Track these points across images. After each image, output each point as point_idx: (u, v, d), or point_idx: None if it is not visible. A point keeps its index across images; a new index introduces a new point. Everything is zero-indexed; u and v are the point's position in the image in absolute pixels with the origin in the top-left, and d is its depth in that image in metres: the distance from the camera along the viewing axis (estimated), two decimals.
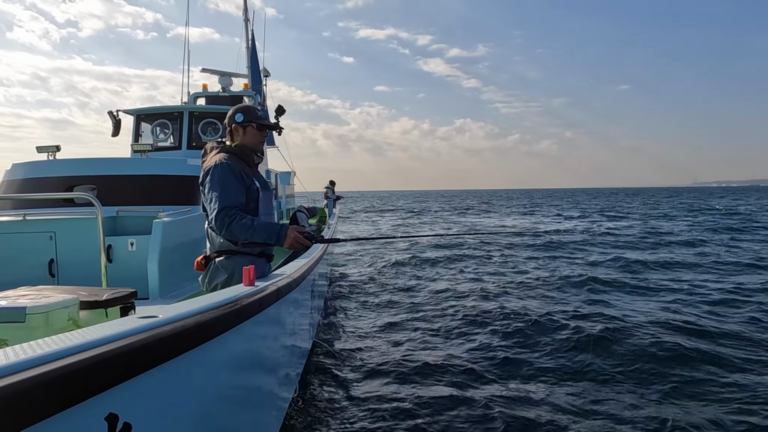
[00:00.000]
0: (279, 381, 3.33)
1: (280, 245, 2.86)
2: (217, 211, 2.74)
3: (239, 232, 2.75)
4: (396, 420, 4.14)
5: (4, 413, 0.95)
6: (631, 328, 6.36)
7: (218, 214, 2.74)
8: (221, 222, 2.74)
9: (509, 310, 7.56)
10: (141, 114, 8.16)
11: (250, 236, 2.76)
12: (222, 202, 2.75)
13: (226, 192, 2.78)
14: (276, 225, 2.86)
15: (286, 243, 2.83)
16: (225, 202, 2.75)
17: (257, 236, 2.77)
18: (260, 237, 2.78)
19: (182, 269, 4.59)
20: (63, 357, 1.12)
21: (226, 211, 2.73)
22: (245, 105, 3.12)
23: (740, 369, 5.10)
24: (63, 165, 5.65)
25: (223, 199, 2.76)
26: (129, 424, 1.31)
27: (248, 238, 2.77)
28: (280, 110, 3.41)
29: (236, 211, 2.76)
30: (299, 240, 2.87)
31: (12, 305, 2.29)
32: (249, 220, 2.76)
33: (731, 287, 9.12)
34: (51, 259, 4.73)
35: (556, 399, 4.51)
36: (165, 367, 1.44)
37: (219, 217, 2.74)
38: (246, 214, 2.80)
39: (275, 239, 2.82)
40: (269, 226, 2.82)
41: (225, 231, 2.76)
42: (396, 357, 5.73)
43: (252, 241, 2.80)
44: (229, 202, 2.76)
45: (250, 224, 2.74)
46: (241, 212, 2.79)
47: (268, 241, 2.82)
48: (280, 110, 3.42)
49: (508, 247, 15.97)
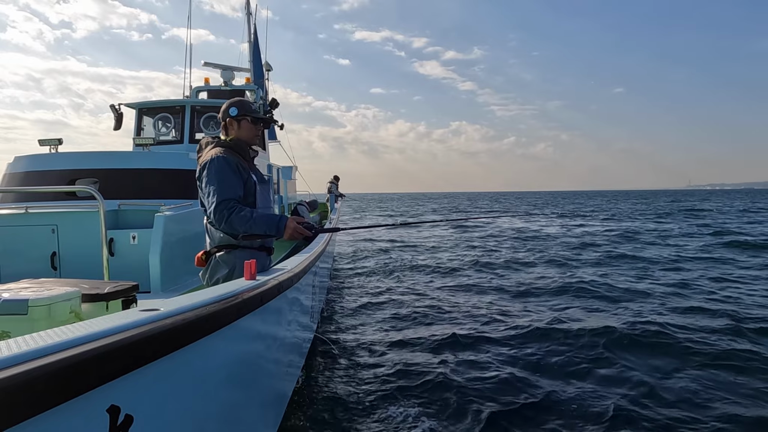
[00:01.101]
0: (280, 375, 3.34)
1: (280, 237, 2.83)
2: (215, 204, 2.73)
3: (239, 225, 2.73)
4: (397, 415, 4.16)
5: (6, 404, 0.96)
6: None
7: (217, 207, 2.73)
8: (220, 215, 2.73)
9: (510, 309, 7.57)
10: (143, 108, 8.15)
11: (249, 228, 2.74)
12: (220, 195, 2.74)
13: (224, 185, 2.77)
14: (275, 216, 2.84)
15: (286, 234, 2.81)
16: (223, 195, 2.74)
17: (257, 228, 2.75)
18: (260, 229, 2.76)
19: (184, 263, 4.60)
20: (65, 349, 1.12)
21: (224, 204, 2.72)
22: (239, 99, 3.11)
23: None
24: (65, 158, 5.66)
25: (222, 193, 2.74)
26: (131, 416, 1.32)
27: (248, 230, 2.76)
28: (273, 103, 3.41)
29: (235, 203, 2.75)
30: (299, 230, 2.84)
31: (14, 298, 2.30)
32: (248, 212, 2.74)
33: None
34: (53, 252, 4.75)
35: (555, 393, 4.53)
36: (166, 360, 1.44)
37: (218, 210, 2.72)
38: (244, 207, 2.78)
39: (275, 230, 2.80)
40: (268, 218, 2.80)
41: (224, 224, 2.75)
42: (397, 351, 5.74)
43: (252, 233, 2.79)
44: (227, 195, 2.75)
45: (249, 216, 2.73)
46: (240, 204, 2.79)
47: (267, 232, 2.80)
48: (274, 103, 3.41)
49: (508, 247, 15.97)
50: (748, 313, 7.05)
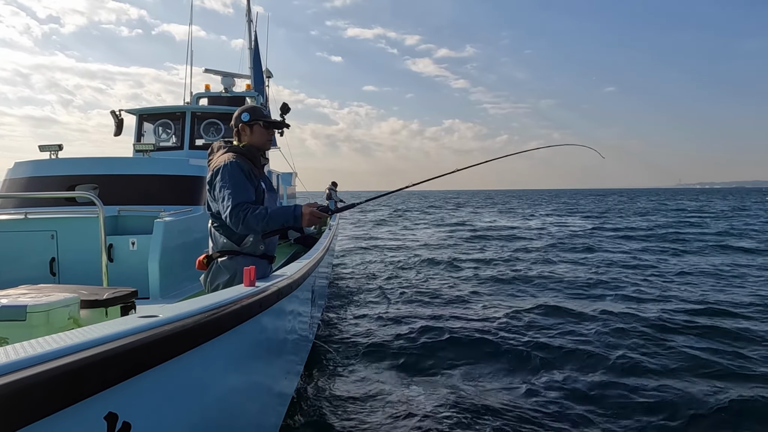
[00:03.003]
0: (279, 381, 3.33)
1: (299, 225, 2.83)
2: (231, 208, 2.74)
3: (255, 223, 2.73)
4: (396, 418, 4.14)
5: (4, 411, 0.96)
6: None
7: (233, 210, 2.74)
8: (236, 218, 2.73)
9: (513, 307, 7.55)
10: (143, 114, 8.18)
11: (266, 224, 2.75)
12: (235, 198, 2.76)
13: (238, 189, 2.79)
14: (290, 207, 2.84)
15: (304, 220, 2.81)
16: (238, 199, 2.76)
17: (274, 223, 2.76)
18: (277, 222, 2.77)
19: (183, 269, 4.60)
20: (63, 356, 1.12)
21: (240, 207, 2.74)
22: (251, 105, 3.14)
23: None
24: (65, 164, 5.66)
25: (236, 196, 2.76)
26: (128, 423, 1.31)
27: (265, 227, 2.76)
28: (285, 108, 3.43)
29: (249, 205, 2.77)
30: (316, 214, 2.83)
31: (13, 304, 2.29)
32: (263, 209, 2.76)
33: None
34: (52, 258, 4.74)
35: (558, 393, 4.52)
36: (165, 367, 1.44)
37: (233, 214, 2.74)
38: (258, 206, 2.80)
39: (293, 220, 2.79)
40: (283, 209, 2.81)
41: (242, 225, 2.75)
42: (396, 356, 5.73)
43: (270, 229, 2.80)
44: (242, 198, 2.77)
45: (265, 213, 2.74)
46: (253, 205, 2.79)
47: (285, 224, 2.80)
48: (285, 108, 3.43)
49: (504, 246, 15.97)
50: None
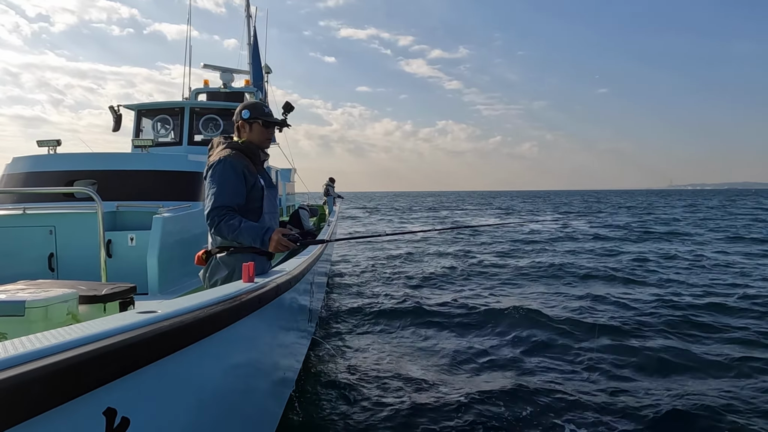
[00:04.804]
0: (277, 377, 3.33)
1: (266, 249, 2.80)
2: (209, 209, 2.77)
3: (227, 232, 2.76)
4: (394, 417, 4.15)
5: (3, 406, 0.95)
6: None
7: (210, 212, 2.77)
8: (211, 220, 2.77)
9: (512, 307, 7.56)
10: (142, 109, 8.15)
11: (235, 237, 2.76)
12: (217, 200, 2.77)
13: (223, 191, 2.78)
14: (261, 228, 2.79)
15: (271, 246, 2.79)
16: (219, 202, 2.76)
17: (242, 238, 2.76)
18: (245, 239, 2.77)
19: (182, 265, 4.60)
20: (62, 351, 1.12)
21: (217, 211, 2.75)
22: (253, 101, 3.11)
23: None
24: (63, 159, 5.65)
25: (218, 198, 2.77)
26: (127, 418, 1.31)
27: (235, 238, 2.78)
28: (288, 107, 3.41)
29: (228, 210, 2.77)
30: (283, 242, 2.81)
31: (11, 299, 2.29)
32: (237, 221, 2.74)
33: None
34: (51, 254, 4.73)
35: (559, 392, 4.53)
36: (163, 363, 1.44)
37: (210, 216, 2.77)
38: (236, 215, 2.78)
39: (260, 243, 2.77)
40: (255, 229, 2.77)
41: (214, 229, 2.79)
42: (394, 353, 5.74)
43: (239, 242, 2.81)
44: (223, 201, 2.77)
45: (237, 225, 2.74)
46: (233, 212, 2.78)
47: (253, 244, 2.79)
48: (288, 107, 3.42)
49: (499, 248, 15.99)
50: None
